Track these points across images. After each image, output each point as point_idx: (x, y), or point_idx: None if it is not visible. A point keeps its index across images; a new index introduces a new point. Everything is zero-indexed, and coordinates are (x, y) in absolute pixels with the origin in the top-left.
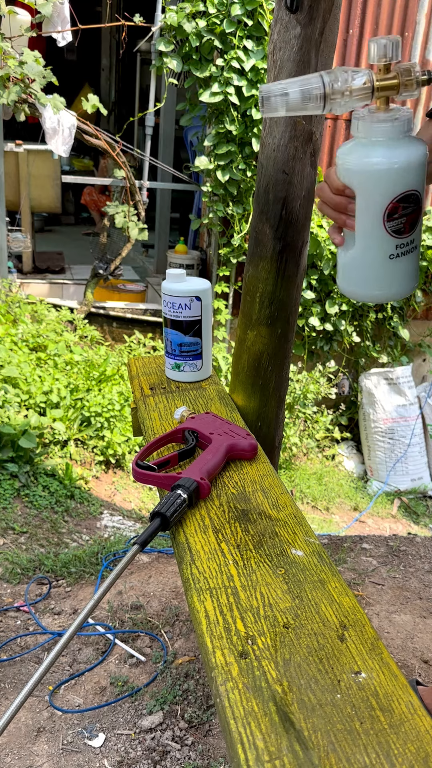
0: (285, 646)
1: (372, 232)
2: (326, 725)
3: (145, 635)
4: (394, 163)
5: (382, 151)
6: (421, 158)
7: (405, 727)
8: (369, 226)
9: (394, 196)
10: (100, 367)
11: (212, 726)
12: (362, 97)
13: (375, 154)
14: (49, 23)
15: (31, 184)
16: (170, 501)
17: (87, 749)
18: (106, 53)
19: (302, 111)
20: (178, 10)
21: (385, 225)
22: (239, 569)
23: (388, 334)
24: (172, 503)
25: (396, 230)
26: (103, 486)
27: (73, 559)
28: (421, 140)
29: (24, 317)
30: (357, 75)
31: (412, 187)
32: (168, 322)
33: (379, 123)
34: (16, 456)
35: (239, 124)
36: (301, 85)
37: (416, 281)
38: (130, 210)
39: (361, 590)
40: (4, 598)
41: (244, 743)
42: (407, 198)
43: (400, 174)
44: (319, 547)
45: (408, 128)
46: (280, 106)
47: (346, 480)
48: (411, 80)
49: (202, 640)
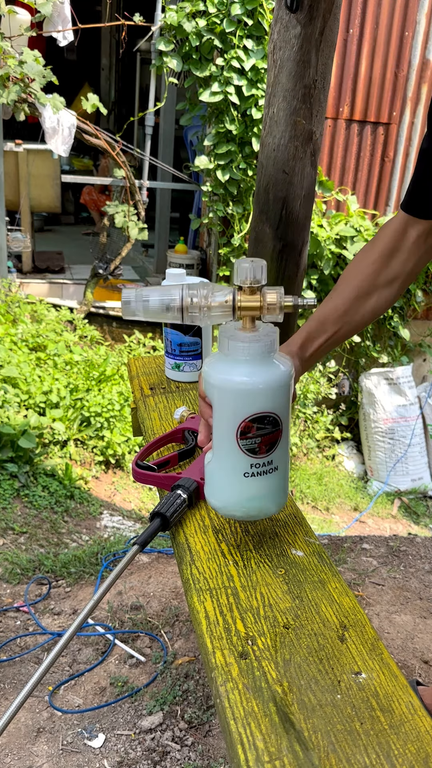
0: (285, 646)
1: (225, 446)
2: (326, 726)
3: (145, 635)
4: (249, 383)
5: (239, 370)
6: (282, 380)
7: (405, 727)
8: (223, 441)
9: (247, 416)
10: (100, 367)
11: (212, 726)
12: (223, 314)
13: (231, 371)
14: (50, 23)
15: (31, 184)
16: (170, 501)
17: (87, 750)
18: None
19: (163, 318)
20: (178, 9)
21: (238, 442)
22: (239, 569)
23: (389, 334)
24: (172, 503)
25: (250, 449)
26: (103, 486)
27: (73, 559)
28: (286, 361)
29: (24, 317)
30: (218, 293)
31: (267, 409)
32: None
33: (239, 342)
34: (16, 456)
35: (239, 123)
36: (161, 295)
37: (282, 499)
38: (130, 210)
39: (361, 590)
40: (4, 599)
41: (244, 744)
42: (262, 419)
43: (254, 394)
44: (320, 548)
45: (271, 349)
46: (140, 311)
47: (346, 480)
48: (274, 306)
49: (202, 640)
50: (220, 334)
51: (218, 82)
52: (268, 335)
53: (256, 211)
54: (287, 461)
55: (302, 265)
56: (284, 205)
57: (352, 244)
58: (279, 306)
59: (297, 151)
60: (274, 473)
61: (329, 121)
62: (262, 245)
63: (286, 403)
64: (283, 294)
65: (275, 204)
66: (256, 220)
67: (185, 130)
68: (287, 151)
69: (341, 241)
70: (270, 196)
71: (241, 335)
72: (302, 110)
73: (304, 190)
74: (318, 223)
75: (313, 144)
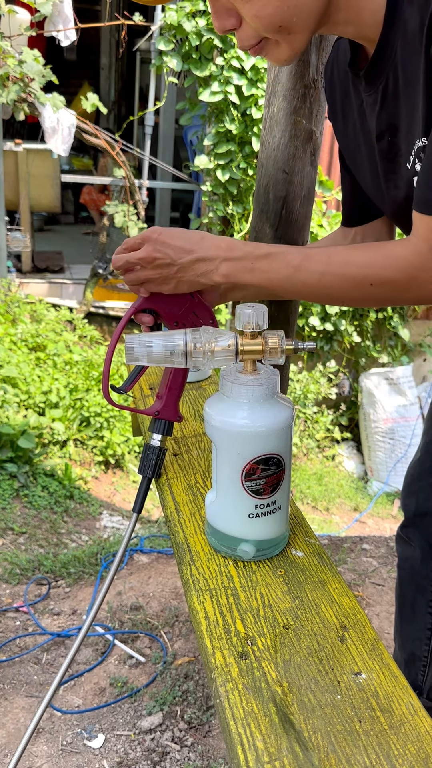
0: (285, 646)
1: (231, 488)
2: (326, 726)
3: (145, 636)
4: (253, 427)
5: (242, 413)
6: (285, 422)
7: (405, 728)
8: (228, 482)
9: (252, 458)
10: (100, 366)
11: (212, 727)
12: (226, 358)
13: (235, 414)
14: (50, 22)
15: (31, 184)
16: (148, 459)
17: (86, 750)
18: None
19: (167, 363)
20: (178, 9)
21: (243, 484)
22: (239, 570)
23: (389, 334)
24: (150, 459)
25: (254, 491)
26: (103, 486)
27: (73, 559)
28: (287, 403)
29: (23, 317)
30: (221, 337)
31: (271, 451)
32: None
33: (242, 385)
34: (15, 456)
35: (239, 123)
36: (165, 341)
37: (283, 542)
38: (130, 209)
39: (361, 591)
40: (3, 599)
41: (244, 744)
42: (266, 461)
43: (258, 437)
44: (319, 548)
45: (273, 391)
46: (143, 357)
47: (347, 480)
48: (276, 349)
49: (202, 640)
50: (222, 377)
51: (218, 81)
52: (270, 378)
53: (256, 211)
54: (288, 498)
55: None
56: (284, 204)
57: None
58: (280, 350)
59: (297, 150)
60: (278, 512)
61: (329, 121)
62: None
63: (288, 444)
64: (284, 337)
65: (275, 204)
66: (256, 220)
67: (185, 130)
68: (287, 151)
69: None
70: (270, 195)
71: (243, 378)
72: (302, 110)
73: (304, 189)
74: (318, 223)
75: (314, 143)
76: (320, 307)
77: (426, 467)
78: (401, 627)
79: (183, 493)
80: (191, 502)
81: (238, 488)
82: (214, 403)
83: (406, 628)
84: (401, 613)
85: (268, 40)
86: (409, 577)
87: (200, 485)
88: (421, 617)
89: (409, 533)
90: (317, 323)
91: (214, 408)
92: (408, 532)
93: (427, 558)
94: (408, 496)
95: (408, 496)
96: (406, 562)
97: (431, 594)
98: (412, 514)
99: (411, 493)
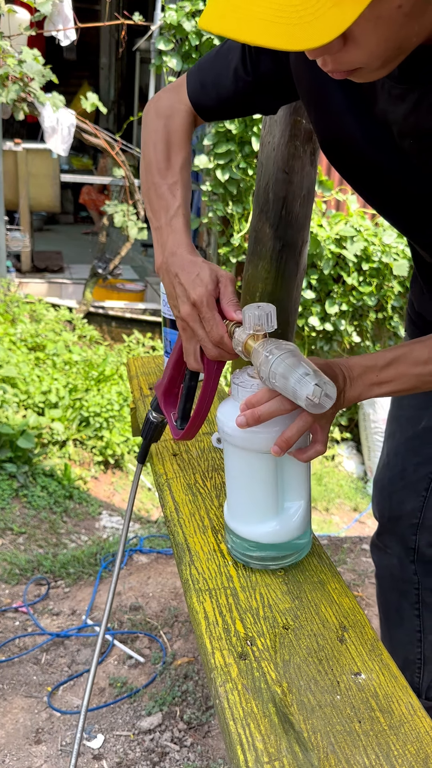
0: (284, 647)
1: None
2: (326, 726)
3: (144, 636)
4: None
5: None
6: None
7: (405, 728)
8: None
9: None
10: (99, 366)
11: (211, 727)
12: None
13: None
14: (50, 22)
15: (30, 183)
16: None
17: (86, 750)
18: (106, 52)
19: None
20: (178, 8)
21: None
22: (239, 570)
23: (389, 334)
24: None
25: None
26: (102, 486)
27: (72, 559)
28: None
29: (22, 317)
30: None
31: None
32: (167, 321)
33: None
34: (15, 456)
35: (239, 122)
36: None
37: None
38: (130, 209)
39: (360, 591)
40: (3, 599)
41: (244, 744)
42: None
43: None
44: (319, 548)
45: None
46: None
47: (346, 480)
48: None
49: (202, 641)
50: (233, 382)
51: None
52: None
53: (256, 211)
54: (310, 493)
55: (302, 264)
56: (284, 204)
57: (352, 244)
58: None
59: (297, 150)
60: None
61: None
62: (262, 245)
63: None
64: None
65: (275, 203)
66: (256, 220)
67: None
68: (287, 151)
69: (341, 240)
70: (270, 195)
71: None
72: (302, 109)
73: (304, 189)
74: (318, 223)
75: (313, 143)
76: (320, 307)
77: (396, 471)
78: (390, 634)
79: (182, 493)
80: (191, 502)
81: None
82: (226, 409)
83: (395, 635)
84: (387, 620)
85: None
86: (390, 585)
87: (200, 485)
88: (409, 621)
89: (384, 540)
90: (317, 323)
91: (227, 414)
92: (384, 539)
93: (406, 562)
94: (380, 501)
95: (381, 502)
96: (384, 570)
97: (415, 597)
98: (387, 519)
99: (383, 498)
